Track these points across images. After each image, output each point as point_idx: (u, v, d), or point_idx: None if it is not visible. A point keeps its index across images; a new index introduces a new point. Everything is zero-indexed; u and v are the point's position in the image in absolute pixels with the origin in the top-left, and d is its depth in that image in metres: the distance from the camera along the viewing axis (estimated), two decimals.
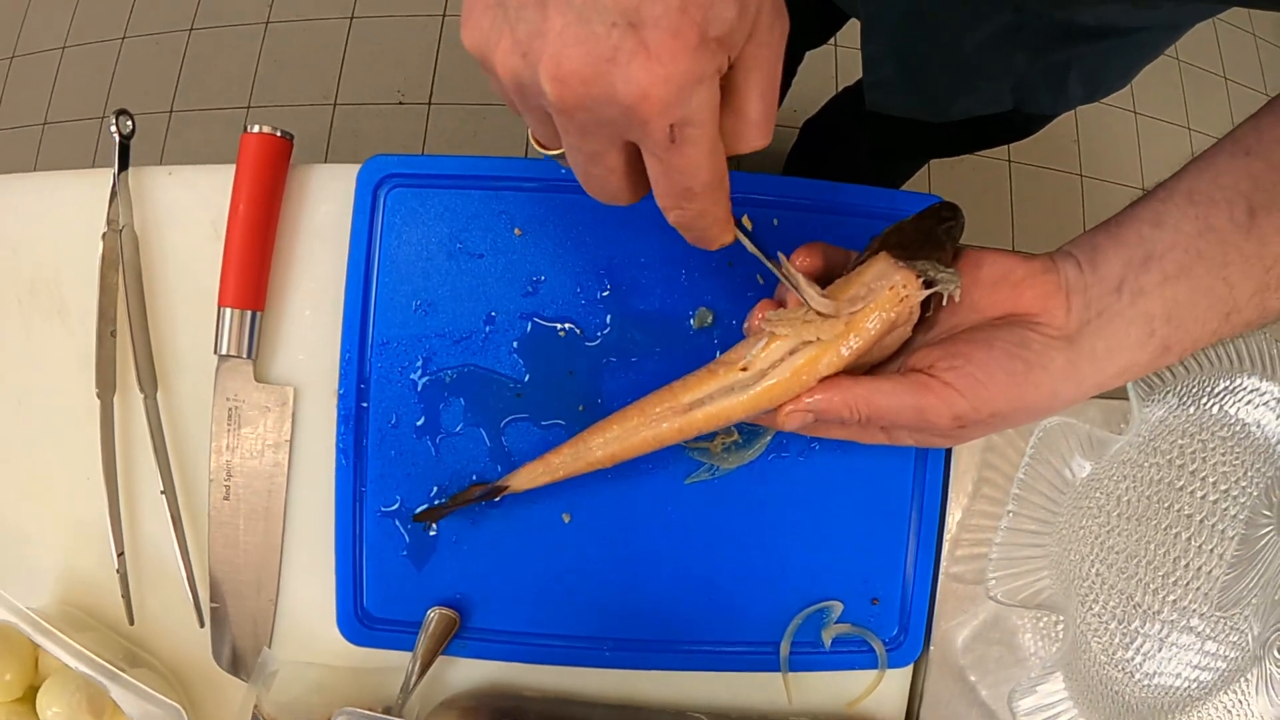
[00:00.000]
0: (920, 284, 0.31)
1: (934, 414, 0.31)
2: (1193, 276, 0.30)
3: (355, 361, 0.41)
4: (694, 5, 0.21)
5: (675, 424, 0.34)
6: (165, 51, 1.28)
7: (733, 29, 0.22)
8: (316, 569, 0.43)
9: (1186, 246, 0.30)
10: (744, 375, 0.33)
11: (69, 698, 0.41)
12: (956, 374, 0.31)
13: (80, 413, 0.43)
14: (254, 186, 0.41)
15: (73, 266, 0.44)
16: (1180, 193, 0.31)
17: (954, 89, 0.59)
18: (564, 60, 0.22)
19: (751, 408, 0.33)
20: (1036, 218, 1.25)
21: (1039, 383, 0.31)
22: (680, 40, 0.22)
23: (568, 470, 0.37)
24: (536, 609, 0.43)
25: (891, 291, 0.31)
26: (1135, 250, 0.31)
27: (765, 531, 0.43)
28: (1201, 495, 0.43)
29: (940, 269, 0.31)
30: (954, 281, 0.31)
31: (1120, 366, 0.31)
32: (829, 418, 0.33)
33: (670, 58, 0.22)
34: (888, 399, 0.31)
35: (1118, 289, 0.31)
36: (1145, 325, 0.31)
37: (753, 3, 0.23)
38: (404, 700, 0.41)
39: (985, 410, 0.31)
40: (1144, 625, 0.43)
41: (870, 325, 0.32)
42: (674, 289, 0.43)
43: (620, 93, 0.22)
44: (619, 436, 0.35)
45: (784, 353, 0.33)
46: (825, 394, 0.32)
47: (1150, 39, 0.55)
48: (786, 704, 0.45)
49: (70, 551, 0.45)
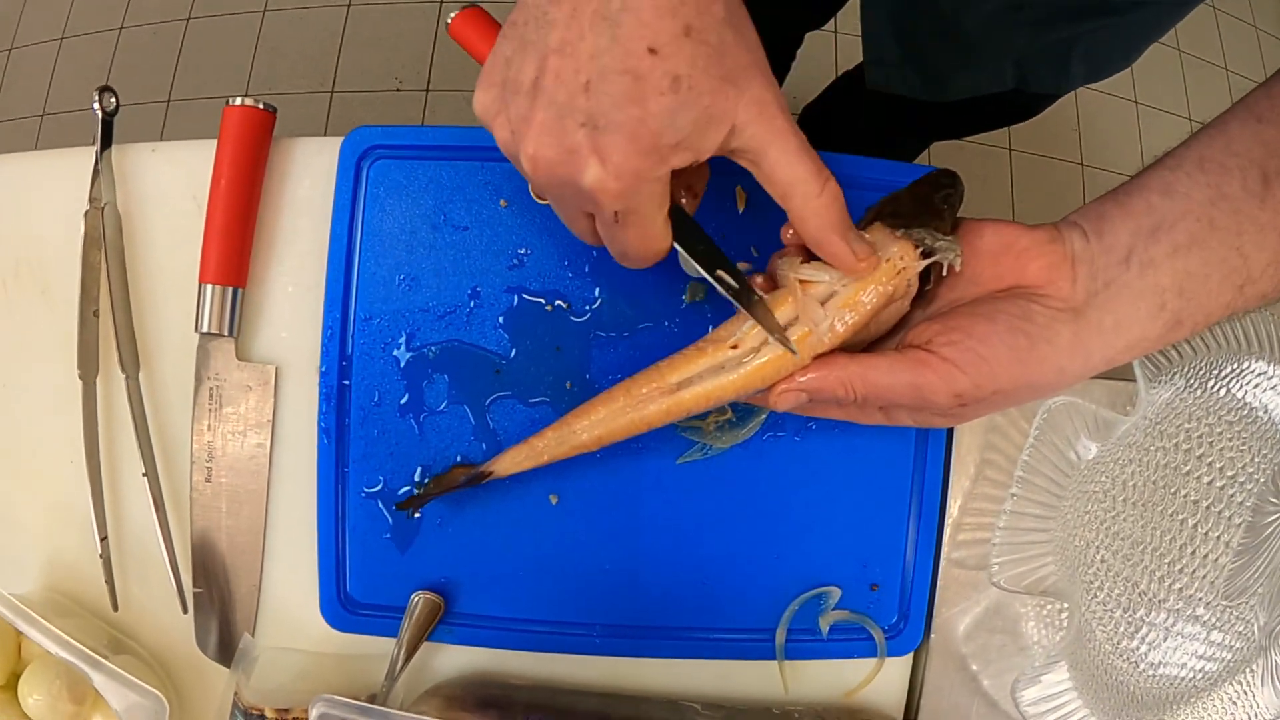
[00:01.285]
0: (918, 254, 0.30)
1: (933, 391, 0.30)
2: (1205, 247, 0.29)
3: (337, 338, 0.41)
4: (651, 116, 0.25)
5: (663, 405, 0.33)
6: (162, 41, 1.28)
7: (686, 134, 0.26)
8: (300, 553, 0.43)
9: (1198, 215, 0.29)
10: (734, 353, 0.32)
11: (50, 685, 0.40)
12: (956, 349, 0.30)
13: (62, 395, 0.42)
14: (236, 160, 0.40)
15: (56, 246, 0.43)
16: (1190, 160, 0.30)
17: (955, 67, 0.58)
18: (540, 147, 0.26)
19: (742, 387, 0.32)
20: (1037, 206, 1.25)
21: (1044, 358, 0.30)
22: (634, 144, 0.26)
23: (552, 454, 0.36)
24: (524, 594, 0.42)
25: (888, 263, 0.30)
26: (1144, 220, 0.30)
27: (760, 513, 0.42)
28: (1208, 481, 0.42)
29: (939, 237, 0.30)
30: (954, 250, 0.30)
31: (1129, 341, 0.30)
32: (823, 397, 0.32)
33: (622, 159, 0.26)
34: (884, 376, 0.30)
35: (1126, 260, 0.30)
36: (1155, 298, 0.29)
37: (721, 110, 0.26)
38: (388, 688, 0.41)
39: (987, 387, 0.30)
40: (1149, 614, 0.42)
41: (866, 299, 0.30)
42: (665, 262, 0.41)
43: (579, 180, 0.27)
44: (604, 419, 0.34)
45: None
46: (819, 372, 0.31)
47: (1153, 16, 0.54)
48: (782, 693, 0.44)
49: (53, 536, 0.44)
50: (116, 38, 1.29)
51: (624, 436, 0.35)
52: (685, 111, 0.26)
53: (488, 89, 0.28)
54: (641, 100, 0.25)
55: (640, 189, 0.27)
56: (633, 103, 0.25)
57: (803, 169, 0.28)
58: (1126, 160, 1.32)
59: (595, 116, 0.25)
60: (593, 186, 0.26)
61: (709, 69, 0.25)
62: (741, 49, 0.27)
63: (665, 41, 0.24)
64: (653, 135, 0.25)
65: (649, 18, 0.24)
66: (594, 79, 0.25)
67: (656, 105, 0.25)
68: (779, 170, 0.28)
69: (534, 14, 0.26)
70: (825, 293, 0.31)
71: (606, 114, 0.25)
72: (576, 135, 0.26)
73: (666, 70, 0.25)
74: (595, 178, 0.26)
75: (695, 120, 0.26)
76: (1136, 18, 0.53)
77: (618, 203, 0.27)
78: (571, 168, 0.26)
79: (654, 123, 0.25)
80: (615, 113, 0.25)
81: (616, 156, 0.26)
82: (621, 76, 0.25)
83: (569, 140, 0.26)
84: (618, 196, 0.27)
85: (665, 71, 0.25)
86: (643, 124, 0.25)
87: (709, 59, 0.25)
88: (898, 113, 0.73)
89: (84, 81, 1.26)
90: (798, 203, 0.29)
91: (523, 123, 0.26)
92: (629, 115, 0.25)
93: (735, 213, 0.42)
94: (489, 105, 0.28)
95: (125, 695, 0.39)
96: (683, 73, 0.25)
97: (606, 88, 0.25)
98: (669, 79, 0.25)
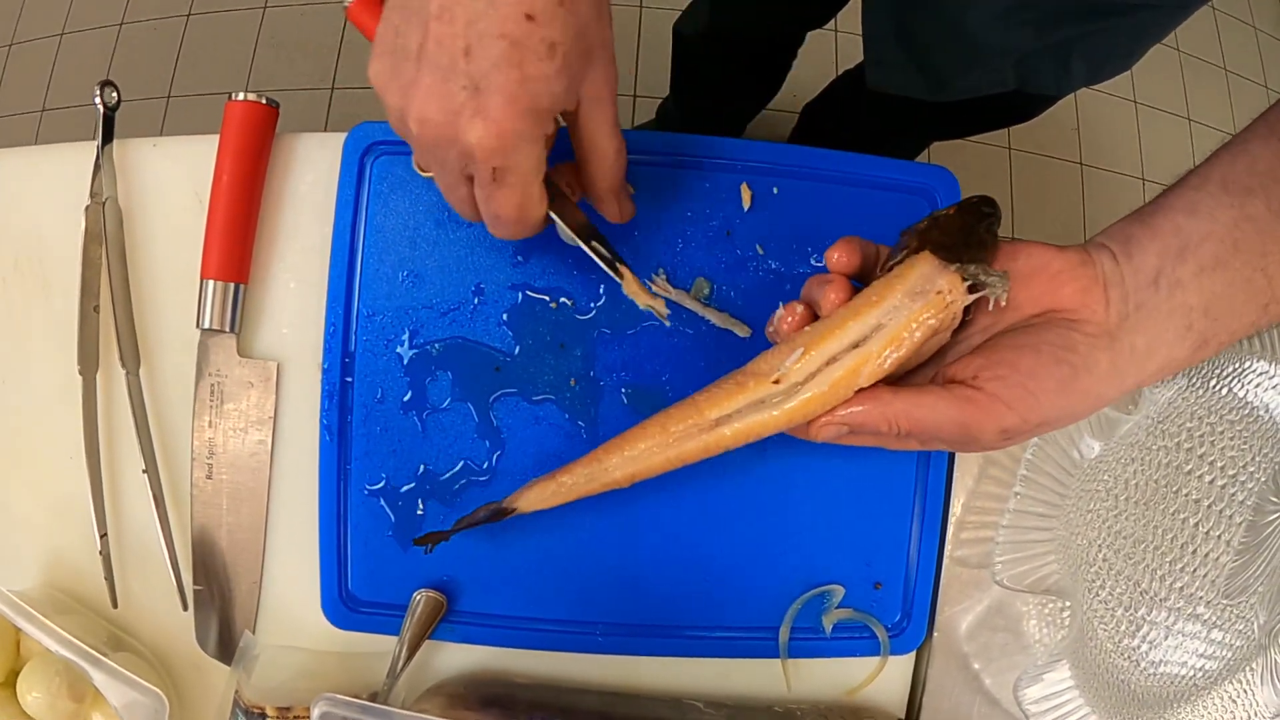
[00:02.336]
0: (965, 288, 0.29)
1: (980, 430, 0.29)
2: (1229, 268, 0.29)
3: (340, 334, 0.40)
4: (530, 79, 0.27)
5: (700, 442, 0.32)
6: (163, 37, 1.28)
7: (560, 99, 0.28)
8: (301, 551, 0.42)
9: (1222, 237, 0.29)
10: (777, 389, 0.31)
11: (49, 682, 0.40)
12: (1003, 384, 0.29)
13: (63, 391, 0.42)
14: (238, 155, 0.40)
15: (57, 241, 0.43)
16: (1214, 181, 0.30)
17: (956, 67, 0.58)
18: (426, 109, 0.28)
19: (785, 423, 0.31)
20: (1036, 205, 1.25)
21: (1086, 389, 0.29)
22: (514, 104, 0.27)
23: (581, 491, 0.35)
24: (526, 592, 0.42)
25: (938, 296, 0.29)
26: (1170, 241, 0.30)
27: (764, 511, 0.42)
28: (1210, 480, 0.42)
29: (990, 272, 0.29)
30: (1002, 286, 0.29)
31: (1160, 364, 0.30)
32: (865, 432, 0.31)
33: (502, 117, 0.27)
34: (929, 414, 0.30)
35: (1154, 281, 0.30)
36: (1183, 319, 0.30)
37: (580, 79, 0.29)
38: (390, 686, 0.40)
39: (1033, 421, 0.29)
40: (1151, 612, 0.42)
41: (914, 335, 0.30)
42: (670, 258, 0.41)
43: (461, 139, 0.28)
44: (638, 456, 0.33)
45: (821, 363, 0.30)
46: (864, 407, 0.30)
47: (1155, 18, 0.54)
48: (785, 691, 0.44)
49: (53, 533, 0.44)
50: (118, 33, 1.28)
51: (657, 473, 0.34)
52: (560, 78, 0.28)
53: (380, 58, 0.29)
54: (520, 63, 0.27)
55: (519, 147, 0.28)
56: (512, 65, 0.27)
57: (615, 140, 0.32)
58: (1125, 160, 1.32)
59: (476, 79, 0.27)
60: (475, 143, 0.28)
61: (578, 39, 0.28)
62: (602, 24, 0.29)
63: (541, 8, 0.26)
64: (531, 97, 0.27)
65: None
66: (473, 43, 0.26)
67: (535, 70, 0.27)
68: (597, 138, 0.32)
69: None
70: (873, 325, 0.30)
71: (487, 76, 0.27)
72: (460, 96, 0.27)
73: (544, 37, 0.27)
74: (478, 135, 0.28)
75: (567, 87, 0.28)
76: (1138, 19, 0.53)
77: (497, 158, 0.29)
78: (455, 127, 0.28)
79: (533, 85, 0.27)
80: (495, 75, 0.27)
81: (496, 114, 0.27)
82: (499, 40, 0.26)
83: (453, 102, 0.27)
84: (497, 152, 0.28)
85: (543, 38, 0.27)
86: (522, 86, 0.27)
87: (578, 30, 0.27)
88: (898, 112, 0.73)
89: (85, 77, 1.25)
90: (598, 164, 0.33)
91: (411, 86, 0.28)
92: (508, 77, 0.27)
93: (741, 210, 0.42)
94: (381, 73, 0.29)
95: (125, 693, 0.38)
96: (558, 40, 0.27)
97: (485, 51, 0.26)
98: (546, 45, 0.27)
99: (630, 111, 1.23)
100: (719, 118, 1.05)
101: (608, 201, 0.35)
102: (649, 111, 1.18)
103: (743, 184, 0.41)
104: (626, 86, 1.25)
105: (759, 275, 0.42)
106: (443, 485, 0.41)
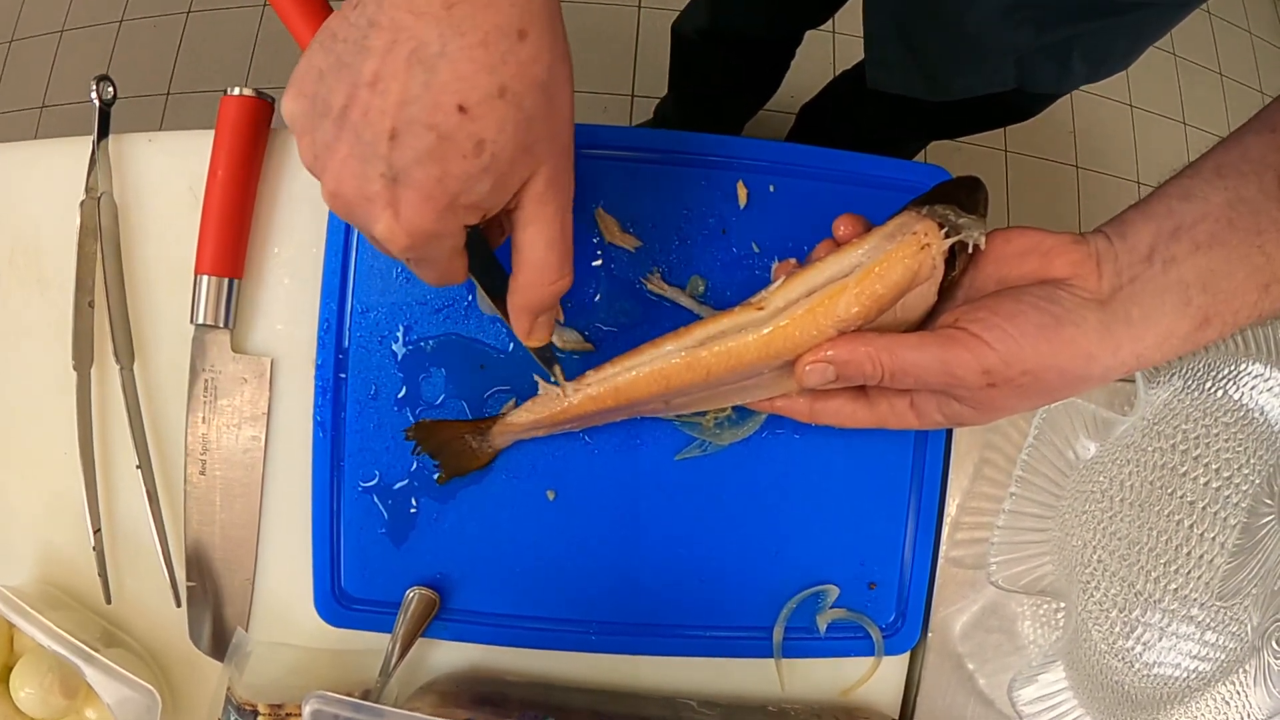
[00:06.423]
0: (942, 233, 0.31)
1: (962, 367, 0.30)
2: (1226, 245, 0.29)
3: (334, 330, 0.40)
4: (451, 178, 0.25)
5: (684, 360, 0.34)
6: (163, 33, 1.28)
7: (485, 199, 0.26)
8: (294, 547, 0.42)
9: (1217, 216, 0.30)
10: (759, 314, 0.32)
11: (42, 678, 0.40)
12: (984, 325, 0.30)
13: (57, 386, 0.42)
14: (233, 150, 0.40)
15: (52, 236, 0.43)
16: (1207, 168, 0.31)
17: (956, 66, 0.58)
18: (339, 184, 0.26)
19: (765, 350, 0.32)
20: (1032, 207, 1.26)
21: (1072, 339, 0.30)
22: (429, 204, 0.25)
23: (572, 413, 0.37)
24: (520, 590, 0.42)
25: (914, 236, 0.31)
26: (1164, 222, 0.30)
27: (758, 511, 0.42)
28: (1204, 482, 0.42)
29: (961, 214, 0.31)
30: (977, 227, 0.31)
31: (1159, 335, 0.30)
32: (850, 372, 0.32)
33: (415, 215, 0.26)
34: (913, 352, 0.31)
35: (1148, 257, 0.30)
36: (1180, 293, 0.30)
37: (516, 178, 0.27)
38: (383, 684, 0.40)
39: (1016, 365, 0.30)
40: (1145, 614, 0.42)
41: (892, 273, 0.31)
42: (665, 256, 0.41)
43: (370, 229, 0.27)
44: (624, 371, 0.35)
45: (801, 293, 0.32)
46: (848, 344, 0.32)
47: (1154, 17, 0.54)
48: (779, 691, 0.44)
49: (47, 528, 0.44)
50: (116, 30, 1.29)
51: (645, 397, 0.35)
52: (485, 178, 0.26)
53: (297, 99, 0.27)
54: (443, 160, 0.25)
55: (431, 244, 0.27)
56: (435, 161, 0.25)
57: (552, 256, 0.29)
58: (1122, 163, 1.33)
59: (396, 169, 0.25)
60: (383, 237, 0.26)
61: (515, 135, 0.25)
62: (550, 117, 0.26)
63: (476, 100, 0.24)
64: (449, 196, 0.26)
65: (465, 71, 0.24)
66: (400, 128, 0.24)
67: (458, 168, 0.25)
68: (531, 250, 0.29)
69: (353, 34, 0.25)
70: (853, 264, 0.32)
71: (407, 170, 0.25)
72: (376, 184, 0.25)
73: (472, 133, 0.25)
74: (386, 230, 0.26)
75: (493, 186, 0.26)
76: (1137, 18, 0.54)
77: (407, 254, 0.27)
78: (366, 215, 0.26)
79: (453, 184, 0.25)
80: (415, 169, 0.25)
81: (409, 212, 0.26)
82: (427, 132, 0.24)
83: (368, 187, 0.25)
84: (407, 249, 0.27)
85: (470, 134, 0.25)
86: (440, 184, 0.25)
87: (517, 125, 0.25)
88: (897, 112, 0.73)
89: (83, 74, 1.24)
90: (528, 278, 0.30)
91: (326, 150, 0.26)
92: (428, 174, 0.25)
93: (737, 207, 0.42)
94: (297, 117, 0.27)
95: (117, 689, 0.38)
96: (488, 138, 0.25)
97: (411, 141, 0.24)
98: (473, 142, 0.25)
99: (628, 111, 1.23)
100: (717, 117, 1.05)
101: (520, 320, 0.32)
102: (647, 111, 1.18)
103: (739, 182, 0.41)
104: (625, 86, 1.25)
105: (754, 273, 0.42)
106: (436, 482, 0.41)
